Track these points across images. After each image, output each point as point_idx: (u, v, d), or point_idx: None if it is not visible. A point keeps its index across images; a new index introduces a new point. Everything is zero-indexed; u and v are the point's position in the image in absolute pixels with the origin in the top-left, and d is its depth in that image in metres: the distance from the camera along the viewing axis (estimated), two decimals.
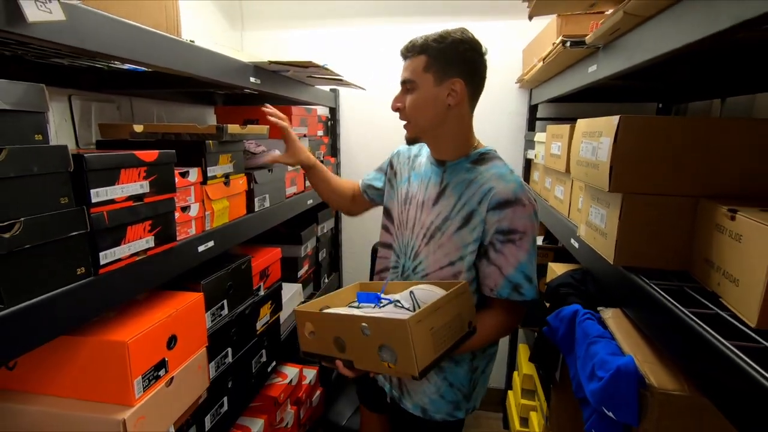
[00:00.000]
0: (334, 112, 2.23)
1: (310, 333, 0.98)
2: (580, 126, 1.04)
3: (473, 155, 1.05)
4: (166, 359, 0.95)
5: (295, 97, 1.63)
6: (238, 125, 1.18)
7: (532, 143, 1.89)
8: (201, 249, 1.06)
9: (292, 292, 1.77)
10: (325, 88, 2.06)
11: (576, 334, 0.91)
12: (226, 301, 1.21)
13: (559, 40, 1.14)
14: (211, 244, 1.10)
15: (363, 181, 1.32)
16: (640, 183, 0.82)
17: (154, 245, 0.89)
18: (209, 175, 1.11)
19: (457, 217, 1.00)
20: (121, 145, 1.13)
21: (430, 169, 1.09)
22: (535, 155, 1.83)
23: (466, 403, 1.11)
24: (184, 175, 1.02)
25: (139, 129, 1.10)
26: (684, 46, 0.68)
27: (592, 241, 0.99)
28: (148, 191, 0.86)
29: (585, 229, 1.04)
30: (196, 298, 1.06)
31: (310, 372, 2.05)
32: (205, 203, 1.11)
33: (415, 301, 0.94)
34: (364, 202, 1.33)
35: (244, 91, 1.77)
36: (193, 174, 1.05)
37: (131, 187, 0.82)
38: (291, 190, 1.65)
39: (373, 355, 0.84)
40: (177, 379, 0.97)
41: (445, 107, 0.99)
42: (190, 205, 1.05)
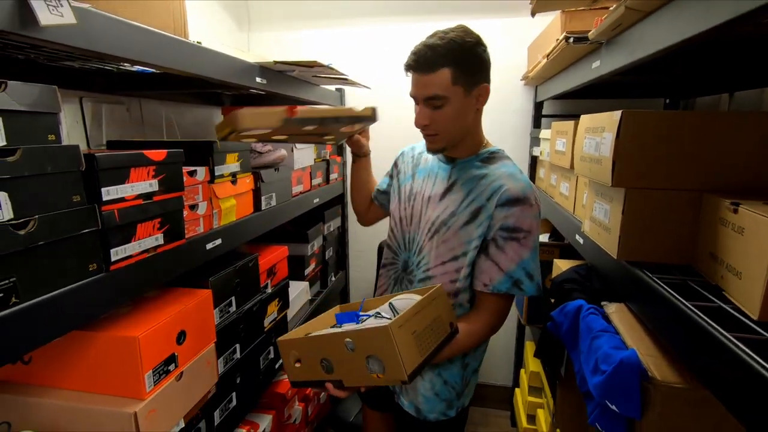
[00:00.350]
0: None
1: (296, 361, 0.97)
2: (584, 122, 1.04)
3: (483, 154, 1.05)
4: (176, 354, 0.97)
5: (301, 97, 1.64)
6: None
7: (538, 140, 1.88)
8: (209, 247, 1.08)
9: (299, 290, 1.79)
10: (331, 88, 2.07)
11: (580, 329, 0.91)
12: (233, 298, 1.23)
13: (563, 37, 1.14)
14: (219, 242, 1.12)
15: (377, 195, 1.33)
16: (642, 178, 0.82)
17: (163, 243, 0.91)
18: (216, 174, 1.13)
19: (465, 213, 1.00)
20: (130, 145, 1.16)
21: (437, 165, 1.10)
22: (541, 152, 1.83)
23: (458, 401, 1.11)
24: (192, 174, 1.04)
25: (292, 113, 0.88)
26: (685, 40, 0.68)
27: (596, 236, 0.99)
28: (157, 190, 0.89)
29: (589, 225, 1.05)
30: (205, 295, 1.08)
31: None
32: (213, 202, 1.13)
33: (395, 311, 0.94)
34: (375, 210, 1.34)
35: (251, 92, 1.80)
36: (201, 173, 1.07)
37: (141, 185, 0.85)
38: (297, 188, 1.67)
39: (362, 369, 0.84)
40: (186, 373, 1.00)
41: (473, 113, 0.99)
42: (198, 204, 1.07)
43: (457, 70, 0.91)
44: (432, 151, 1.05)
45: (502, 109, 2.15)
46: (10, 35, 0.60)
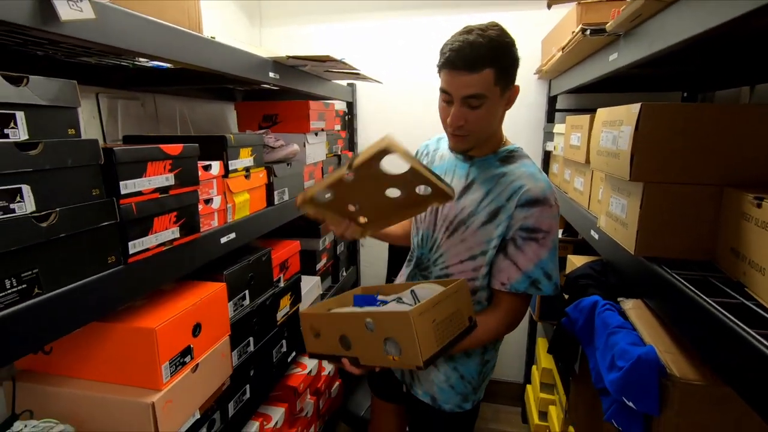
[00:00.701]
0: (351, 106, 2.25)
1: (316, 335, 1.00)
2: (601, 115, 1.03)
3: (502, 152, 1.04)
4: (192, 346, 0.98)
5: (313, 92, 1.64)
6: None
7: (551, 135, 1.86)
8: (223, 240, 1.09)
9: (311, 285, 1.79)
10: (343, 83, 2.07)
11: (595, 325, 0.90)
12: (247, 292, 1.24)
13: (579, 29, 1.12)
14: (233, 235, 1.13)
15: None
16: (661, 172, 0.80)
17: (179, 236, 0.92)
18: (230, 168, 1.14)
19: (483, 212, 0.99)
20: (146, 140, 1.17)
21: (454, 163, 1.08)
22: (554, 147, 1.80)
23: (474, 395, 1.12)
24: (206, 168, 1.05)
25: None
26: (708, 31, 0.66)
27: (613, 231, 0.98)
28: (173, 184, 0.89)
29: (605, 220, 1.03)
30: (219, 288, 1.09)
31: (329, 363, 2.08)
32: (227, 196, 1.14)
33: (416, 299, 0.96)
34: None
35: (263, 87, 1.80)
36: (215, 167, 1.08)
37: (157, 179, 0.86)
38: (309, 183, 1.68)
39: (378, 349, 0.86)
40: (202, 365, 1.01)
41: (503, 112, 0.99)
42: (213, 198, 1.08)
43: (500, 71, 0.90)
44: (458, 150, 1.03)
45: (515, 104, 2.12)
46: (31, 30, 0.61)
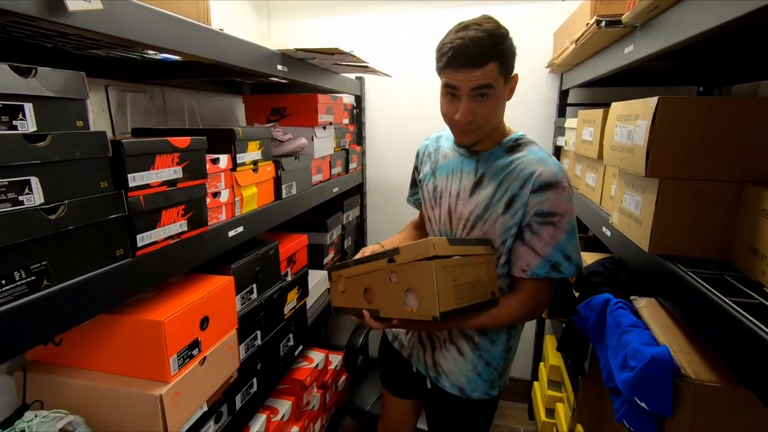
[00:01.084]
0: (359, 100, 2.23)
1: (342, 291, 1.04)
2: (615, 109, 1.00)
3: (506, 142, 1.03)
4: (199, 339, 0.98)
5: (322, 85, 1.63)
6: None
7: (562, 130, 1.83)
8: (231, 234, 1.09)
9: (318, 279, 1.79)
10: (351, 76, 2.05)
11: (607, 324, 0.89)
12: (255, 286, 1.24)
13: (594, 20, 1.09)
14: (241, 229, 1.13)
15: (410, 200, 1.32)
16: (678, 167, 0.78)
17: (187, 229, 0.92)
18: (238, 161, 1.13)
19: (500, 204, 0.99)
20: (155, 133, 1.17)
21: (459, 159, 1.07)
22: (566, 142, 1.78)
23: (500, 380, 1.13)
24: (214, 161, 1.04)
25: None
26: (729, 22, 0.64)
27: (626, 228, 0.96)
28: (181, 177, 0.89)
29: (618, 217, 1.01)
30: (227, 282, 1.09)
31: (336, 357, 2.09)
32: (235, 189, 1.13)
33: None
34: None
35: (270, 80, 1.79)
36: (223, 160, 1.07)
37: (165, 172, 0.85)
38: (317, 177, 1.67)
39: (399, 301, 0.88)
40: (209, 358, 1.01)
41: (505, 103, 0.98)
42: (221, 191, 1.07)
43: (502, 63, 0.91)
44: (466, 144, 1.03)
45: (525, 98, 2.10)
46: (40, 21, 0.61)
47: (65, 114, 0.68)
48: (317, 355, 1.91)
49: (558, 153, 2.03)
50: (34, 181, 0.62)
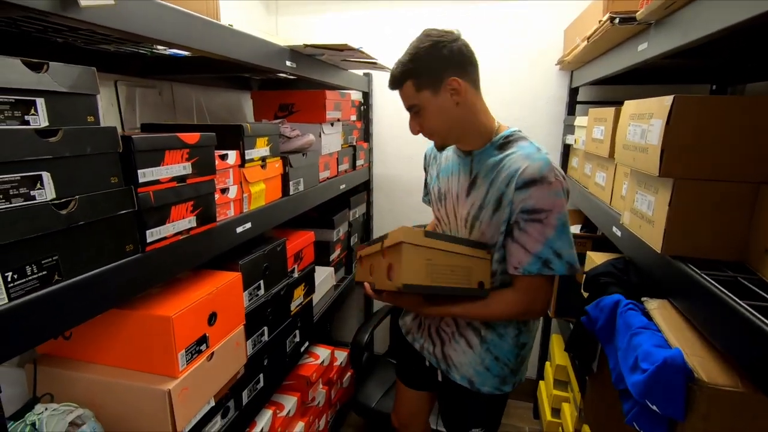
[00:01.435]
0: (367, 96, 2.22)
1: (361, 267, 1.19)
2: (628, 108, 0.99)
3: (497, 140, 1.04)
4: (207, 335, 0.98)
5: (329, 81, 1.63)
6: None
7: (572, 128, 1.81)
8: (239, 230, 1.09)
9: (325, 275, 1.79)
10: (359, 73, 2.04)
11: (617, 325, 0.88)
12: (262, 282, 1.24)
13: (607, 17, 1.08)
14: (249, 225, 1.13)
15: (425, 200, 1.35)
16: (693, 168, 0.77)
17: (196, 225, 0.92)
18: (247, 158, 1.13)
19: (491, 203, 1.01)
20: (164, 128, 1.17)
21: (458, 161, 1.10)
22: (575, 140, 1.76)
23: (513, 377, 1.13)
24: (223, 157, 1.04)
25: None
26: (748, 20, 0.63)
27: (637, 229, 0.95)
28: (190, 173, 0.89)
29: (629, 217, 1.00)
30: (235, 278, 1.09)
31: (341, 354, 2.09)
32: (243, 186, 1.13)
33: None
34: None
35: (279, 76, 1.79)
36: (232, 157, 1.07)
37: (175, 168, 0.85)
38: (324, 174, 1.67)
39: (384, 276, 1.00)
40: (217, 354, 1.01)
41: (455, 107, 1.00)
42: (229, 187, 1.07)
43: (417, 79, 0.98)
44: (438, 149, 1.11)
45: (534, 96, 2.08)
46: (51, 16, 0.61)
47: (76, 109, 0.68)
48: (323, 352, 1.92)
49: (567, 151, 2.01)
50: (46, 176, 0.62)
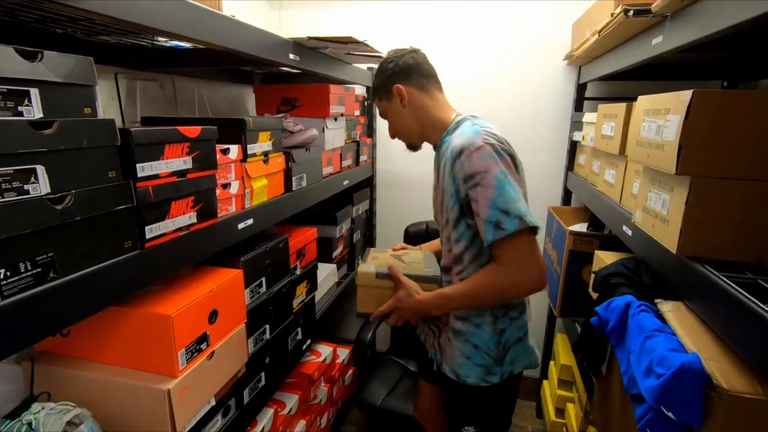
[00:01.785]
0: (370, 91, 2.19)
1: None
2: (642, 103, 0.96)
3: (450, 129, 1.12)
4: (208, 333, 0.96)
5: (333, 75, 1.60)
6: None
7: (580, 124, 1.78)
8: (241, 226, 1.07)
9: (327, 272, 1.77)
10: (363, 67, 2.01)
11: (629, 327, 0.85)
12: (264, 279, 1.22)
13: (620, 10, 1.04)
14: (251, 221, 1.10)
15: None
16: (712, 166, 0.74)
17: (196, 221, 0.90)
18: (249, 152, 1.11)
19: (448, 187, 1.06)
20: (164, 122, 1.14)
21: (434, 156, 1.21)
22: (583, 137, 1.73)
23: (499, 367, 1.09)
24: (225, 152, 1.02)
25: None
26: None
27: (650, 228, 0.92)
28: (190, 167, 0.87)
29: (642, 216, 0.97)
30: (236, 275, 1.07)
31: (344, 351, 2.07)
32: (245, 181, 1.11)
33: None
34: None
35: (281, 70, 1.76)
36: (234, 151, 1.05)
37: (175, 162, 0.83)
38: (327, 170, 1.64)
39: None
40: (218, 352, 0.99)
41: (404, 109, 1.16)
42: (231, 183, 1.05)
43: (378, 93, 1.21)
44: (409, 149, 1.26)
45: (541, 92, 2.04)
46: (50, 4, 0.58)
47: (72, 100, 0.65)
48: (325, 349, 1.90)
49: (573, 148, 1.97)
50: (40, 169, 0.60)
